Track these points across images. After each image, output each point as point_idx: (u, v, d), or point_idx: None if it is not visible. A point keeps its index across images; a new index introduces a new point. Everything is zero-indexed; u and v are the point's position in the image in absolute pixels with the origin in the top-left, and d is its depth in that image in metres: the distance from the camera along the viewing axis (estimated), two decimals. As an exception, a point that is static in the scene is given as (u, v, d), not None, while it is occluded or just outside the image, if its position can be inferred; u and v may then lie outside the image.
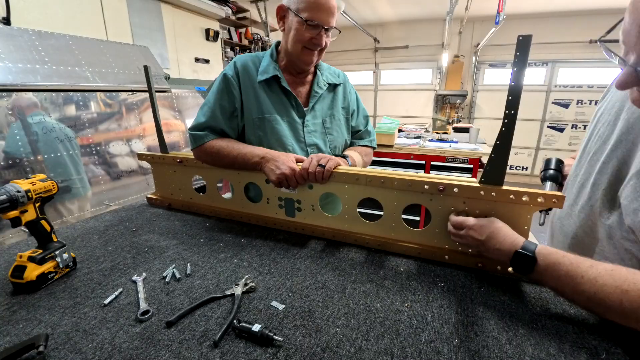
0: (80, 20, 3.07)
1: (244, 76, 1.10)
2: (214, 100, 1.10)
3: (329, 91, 1.22)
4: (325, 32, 1.04)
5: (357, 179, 0.92)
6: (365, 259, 0.90)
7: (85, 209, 1.89)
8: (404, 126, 4.46)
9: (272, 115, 1.10)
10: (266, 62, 1.12)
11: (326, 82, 1.20)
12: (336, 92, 1.24)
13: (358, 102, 1.33)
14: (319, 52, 1.09)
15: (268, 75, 1.09)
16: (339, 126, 1.23)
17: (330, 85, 1.21)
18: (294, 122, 1.14)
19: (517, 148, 6.68)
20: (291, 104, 1.14)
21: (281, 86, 1.11)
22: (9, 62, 1.69)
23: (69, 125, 1.88)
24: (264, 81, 1.10)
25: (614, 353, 0.56)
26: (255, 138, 1.11)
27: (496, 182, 0.76)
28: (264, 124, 1.10)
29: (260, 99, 1.10)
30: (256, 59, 1.14)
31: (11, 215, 0.73)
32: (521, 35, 0.66)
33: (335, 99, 1.23)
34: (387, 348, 0.58)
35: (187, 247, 0.96)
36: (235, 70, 1.10)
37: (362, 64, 7.61)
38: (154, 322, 0.64)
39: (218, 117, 1.09)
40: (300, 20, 1.00)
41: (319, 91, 1.17)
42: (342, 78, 1.28)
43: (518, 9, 5.50)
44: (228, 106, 1.10)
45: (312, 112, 1.17)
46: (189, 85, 2.85)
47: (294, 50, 1.06)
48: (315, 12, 0.99)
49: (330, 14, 1.02)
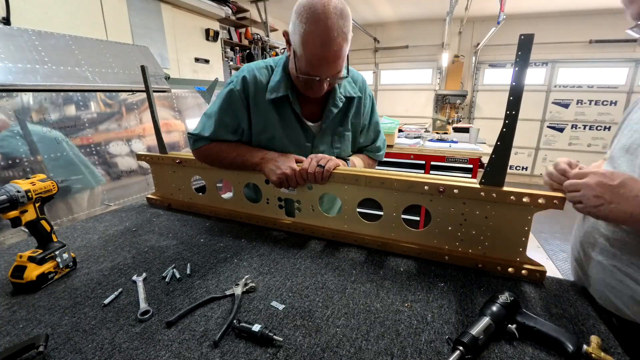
0: (80, 20, 3.07)
1: (253, 93, 1.01)
2: (218, 117, 1.04)
3: (344, 104, 1.08)
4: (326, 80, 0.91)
5: (357, 180, 0.92)
6: (365, 259, 0.90)
7: (86, 208, 1.90)
8: (404, 126, 4.46)
9: (280, 141, 1.04)
10: (277, 77, 1.00)
11: (343, 95, 1.06)
12: (350, 106, 1.10)
13: (372, 115, 1.21)
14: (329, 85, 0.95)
15: (278, 94, 0.99)
16: (347, 145, 1.14)
17: (347, 98, 1.08)
18: (302, 146, 1.07)
19: (517, 148, 6.68)
20: (301, 127, 1.06)
21: (292, 107, 1.02)
22: (9, 62, 1.69)
23: (69, 125, 1.88)
24: (274, 99, 1.00)
25: (614, 353, 0.56)
26: None
27: (496, 183, 0.76)
28: (273, 144, 1.05)
29: (268, 121, 1.02)
30: (267, 72, 1.03)
31: (11, 215, 0.73)
32: (523, 35, 0.65)
33: (347, 113, 1.10)
34: (387, 348, 0.58)
35: (187, 247, 0.96)
36: (243, 86, 1.01)
37: (362, 64, 7.61)
38: (154, 322, 0.64)
39: (219, 133, 1.05)
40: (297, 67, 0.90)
41: (334, 110, 1.05)
42: (360, 86, 1.12)
43: (518, 9, 5.50)
44: (232, 123, 1.05)
45: (320, 135, 1.08)
46: (189, 85, 2.85)
47: (298, 85, 0.97)
48: (312, 67, 0.87)
49: (329, 64, 0.86)
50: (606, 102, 6.03)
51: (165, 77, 2.58)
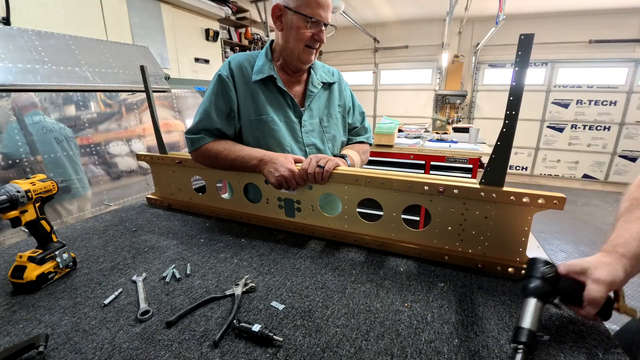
0: (80, 20, 3.07)
1: (239, 76, 1.09)
2: (209, 102, 1.08)
3: (325, 89, 1.22)
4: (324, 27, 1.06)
5: (357, 180, 0.92)
6: (365, 259, 0.90)
7: (85, 209, 1.89)
8: (403, 126, 4.46)
9: (269, 116, 1.09)
10: (261, 62, 1.10)
11: (320, 80, 1.20)
12: (332, 91, 1.24)
13: (353, 99, 1.34)
14: (317, 50, 1.10)
15: (263, 75, 1.08)
16: (336, 125, 1.24)
17: (325, 83, 1.21)
18: (291, 122, 1.13)
19: (517, 148, 6.69)
20: (288, 103, 1.13)
21: (277, 86, 1.10)
22: (9, 62, 1.69)
23: (69, 125, 1.88)
24: (259, 81, 1.09)
25: (614, 353, 0.56)
26: (253, 139, 1.11)
27: (497, 183, 0.76)
28: (262, 125, 1.09)
29: (257, 100, 1.09)
30: (251, 58, 1.13)
31: (11, 215, 0.73)
32: (523, 35, 0.65)
33: (331, 97, 1.23)
34: (387, 348, 0.58)
35: (187, 247, 0.96)
36: (230, 71, 1.09)
37: (361, 64, 7.61)
38: (154, 322, 0.64)
39: (213, 118, 1.08)
40: (301, 17, 1.01)
41: (314, 90, 1.17)
42: (337, 76, 1.27)
43: (518, 9, 5.50)
44: (224, 107, 1.09)
45: (308, 112, 1.16)
46: (188, 85, 2.85)
47: (295, 48, 1.06)
48: (315, 9, 1.01)
49: (328, 9, 1.04)
50: (606, 102, 6.03)
51: (165, 77, 2.59)
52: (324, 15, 1.03)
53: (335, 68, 1.31)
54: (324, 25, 1.05)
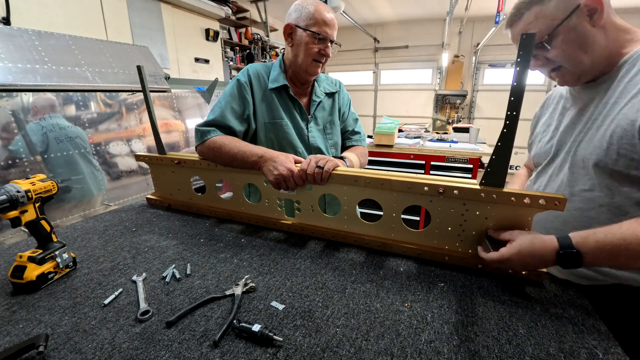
0: (80, 20, 3.07)
1: (256, 83, 1.20)
2: (225, 102, 1.17)
3: (328, 98, 1.33)
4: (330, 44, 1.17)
5: (356, 181, 0.92)
6: (365, 259, 0.90)
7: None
8: (403, 126, 4.46)
9: (283, 120, 1.21)
10: (276, 72, 1.22)
11: (323, 91, 1.32)
12: (335, 100, 1.36)
13: (350, 107, 1.45)
14: (323, 64, 1.20)
15: (278, 84, 1.19)
16: (337, 131, 1.36)
17: (328, 93, 1.33)
18: (300, 127, 1.24)
19: (517, 148, 6.57)
20: (297, 110, 1.25)
21: (289, 94, 1.22)
22: (9, 62, 1.69)
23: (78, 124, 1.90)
24: (274, 89, 1.20)
25: (614, 353, 0.56)
26: (268, 140, 1.20)
27: (497, 184, 0.76)
28: (276, 128, 1.20)
29: (272, 105, 1.20)
30: (266, 68, 1.25)
31: (11, 215, 0.73)
32: (524, 34, 0.64)
33: (334, 105, 1.35)
34: (387, 348, 0.58)
35: (187, 247, 0.96)
36: (248, 78, 1.19)
37: (362, 64, 7.62)
38: (154, 322, 0.64)
39: (227, 116, 1.15)
40: (310, 34, 1.12)
41: (317, 99, 1.28)
42: (339, 86, 1.40)
43: (518, 9, 5.49)
44: (239, 109, 1.17)
45: (314, 119, 1.28)
46: (188, 85, 2.85)
47: (304, 62, 1.16)
48: (322, 27, 1.12)
49: (334, 28, 1.16)
50: (606, 102, 6.01)
51: (165, 77, 2.58)
52: (330, 32, 1.13)
53: (338, 79, 1.43)
54: (330, 42, 1.15)
